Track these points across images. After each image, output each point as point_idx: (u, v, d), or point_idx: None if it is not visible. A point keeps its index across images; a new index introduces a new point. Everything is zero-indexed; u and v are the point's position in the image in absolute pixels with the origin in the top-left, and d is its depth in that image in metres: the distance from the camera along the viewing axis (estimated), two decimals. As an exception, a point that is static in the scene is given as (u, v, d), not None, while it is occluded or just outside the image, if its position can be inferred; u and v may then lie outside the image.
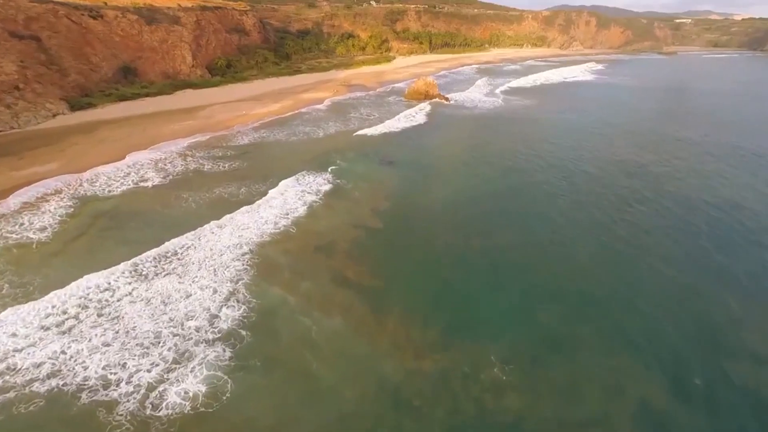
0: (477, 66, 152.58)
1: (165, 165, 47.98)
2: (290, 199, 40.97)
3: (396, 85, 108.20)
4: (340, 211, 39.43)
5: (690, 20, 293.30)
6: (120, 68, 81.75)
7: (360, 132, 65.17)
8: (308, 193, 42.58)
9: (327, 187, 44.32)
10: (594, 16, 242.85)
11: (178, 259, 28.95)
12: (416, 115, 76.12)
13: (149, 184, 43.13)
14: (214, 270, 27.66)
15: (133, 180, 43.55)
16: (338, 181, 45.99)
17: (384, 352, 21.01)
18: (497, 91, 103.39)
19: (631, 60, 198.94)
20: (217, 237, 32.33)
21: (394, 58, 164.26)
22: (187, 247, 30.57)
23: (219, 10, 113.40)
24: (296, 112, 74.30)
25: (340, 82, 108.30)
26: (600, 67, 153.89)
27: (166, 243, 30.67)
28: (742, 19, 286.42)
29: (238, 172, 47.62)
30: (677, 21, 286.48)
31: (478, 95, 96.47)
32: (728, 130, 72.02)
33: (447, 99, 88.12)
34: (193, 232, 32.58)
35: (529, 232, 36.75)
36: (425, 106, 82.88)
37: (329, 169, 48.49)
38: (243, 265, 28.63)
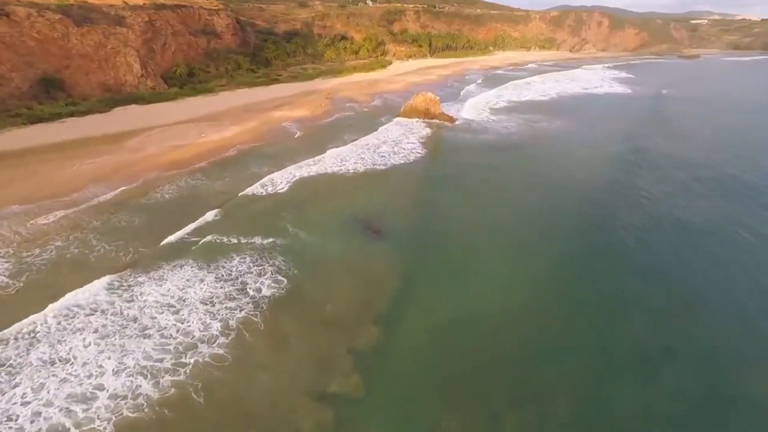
0: (483, 73, 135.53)
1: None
2: (193, 322, 24.09)
3: (390, 97, 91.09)
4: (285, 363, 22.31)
5: (706, 21, 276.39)
6: (39, 80, 64.50)
7: (334, 170, 48.34)
8: (229, 307, 25.60)
9: (270, 293, 27.47)
10: (606, 17, 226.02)
11: None
12: (413, 143, 59.01)
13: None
14: None
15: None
16: (293, 273, 29.17)
17: None
18: (511, 106, 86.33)
19: (652, 64, 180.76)
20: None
21: (391, 63, 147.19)
22: None
23: (182, 9, 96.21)
24: (253, 145, 56.55)
25: (325, 94, 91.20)
26: (623, 74, 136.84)
27: None
28: (762, 20, 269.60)
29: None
30: (693, 22, 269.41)
31: (488, 113, 79.32)
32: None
33: (452, 119, 70.96)
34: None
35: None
36: (424, 130, 65.80)
37: (276, 256, 31.50)
38: None
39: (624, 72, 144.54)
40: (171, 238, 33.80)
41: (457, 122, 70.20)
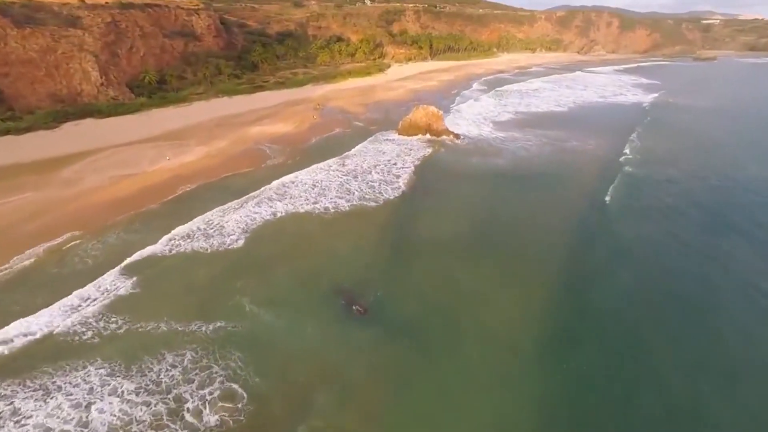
0: (488, 78, 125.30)
1: None
2: None
3: (388, 107, 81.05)
4: None
5: (718, 21, 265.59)
6: (-31, 92, 54.64)
7: (310, 208, 38.46)
8: None
9: (217, 419, 17.87)
10: (616, 17, 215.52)
11: None
12: (411, 169, 48.96)
13: None
14: None
15: None
16: (253, 383, 20.22)
17: None
18: (525, 119, 76.19)
19: (668, 67, 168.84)
20: None
21: (389, 66, 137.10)
22: None
23: (154, 8, 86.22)
24: (216, 176, 46.27)
25: (314, 103, 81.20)
26: (642, 79, 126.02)
27: None
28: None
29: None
30: (704, 22, 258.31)
31: (499, 128, 69.05)
32: None
33: (457, 136, 60.84)
34: None
35: None
36: (425, 150, 55.75)
37: (229, 353, 22.28)
38: None
39: (642, 77, 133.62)
40: (67, 323, 24.06)
41: (463, 140, 60.04)
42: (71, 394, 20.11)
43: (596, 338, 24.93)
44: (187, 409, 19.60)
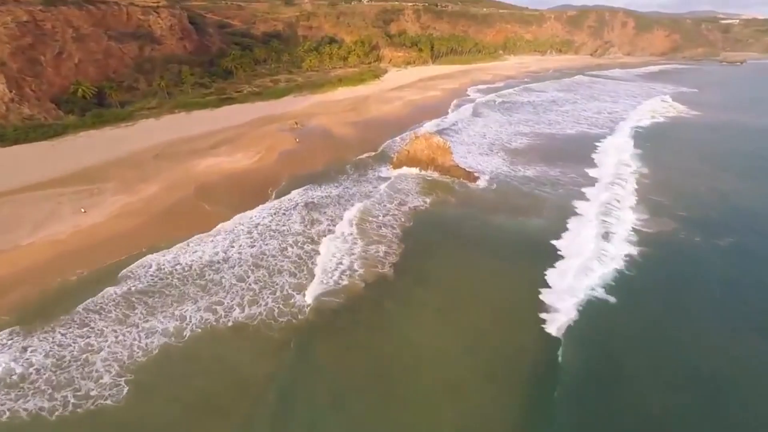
0: (498, 85, 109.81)
1: None
2: None
3: (381, 126, 65.88)
4: None
5: (738, 20, 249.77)
6: None
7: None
8: None
9: None
10: (632, 17, 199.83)
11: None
12: (394, 241, 33.79)
13: None
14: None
15: None
16: None
17: None
18: (554, 146, 61.03)
19: (696, 72, 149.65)
20: None
21: (385, 71, 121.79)
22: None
23: (98, 5, 70.91)
24: (117, 261, 31.35)
25: (293, 121, 66.03)
26: (682, 88, 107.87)
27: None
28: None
29: None
30: (724, 22, 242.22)
31: (526, 161, 53.76)
32: None
33: (470, 175, 45.49)
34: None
35: None
36: (426, 198, 40.63)
37: None
38: None
39: (673, 84, 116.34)
40: None
41: (480, 183, 44.65)
42: None
43: None
44: None
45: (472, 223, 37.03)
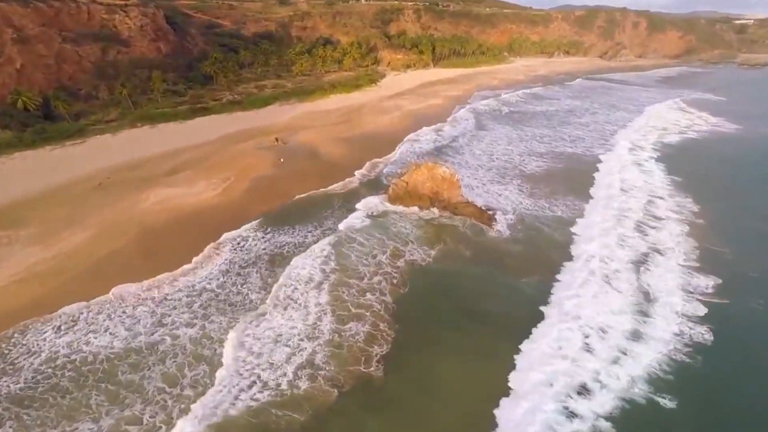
0: (507, 93, 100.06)
1: None
2: None
3: (378, 142, 56.75)
4: None
5: (753, 20, 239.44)
6: None
7: None
8: None
9: None
10: (644, 17, 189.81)
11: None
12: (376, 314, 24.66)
13: None
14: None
15: None
16: None
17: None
18: (575, 167, 51.88)
19: (715, 76, 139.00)
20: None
21: (383, 76, 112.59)
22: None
23: (50, 2, 61.72)
24: None
25: (274, 136, 56.80)
26: (708, 95, 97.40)
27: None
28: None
29: None
30: (737, 22, 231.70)
31: (548, 197, 44.45)
32: None
33: (484, 214, 36.26)
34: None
35: None
36: (429, 251, 31.45)
37: None
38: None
39: (705, 91, 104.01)
40: None
41: (498, 225, 35.35)
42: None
43: None
44: None
45: (494, 290, 27.77)
